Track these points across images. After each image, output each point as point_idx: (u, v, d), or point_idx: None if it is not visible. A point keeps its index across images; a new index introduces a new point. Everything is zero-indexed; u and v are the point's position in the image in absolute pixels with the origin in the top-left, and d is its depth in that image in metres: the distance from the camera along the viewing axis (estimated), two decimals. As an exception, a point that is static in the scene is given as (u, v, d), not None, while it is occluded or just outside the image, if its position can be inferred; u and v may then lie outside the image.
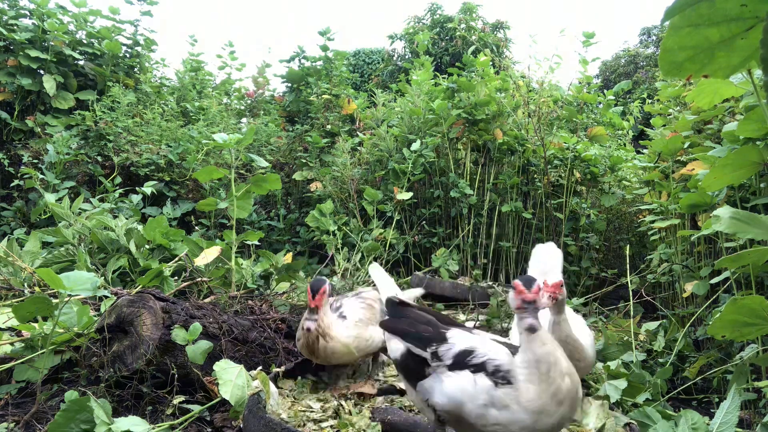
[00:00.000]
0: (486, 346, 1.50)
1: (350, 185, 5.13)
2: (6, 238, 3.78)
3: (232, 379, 1.90)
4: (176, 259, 3.42)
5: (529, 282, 1.43)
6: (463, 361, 1.47)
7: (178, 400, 2.11)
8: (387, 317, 1.72)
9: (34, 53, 5.29)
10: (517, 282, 1.44)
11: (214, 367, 1.94)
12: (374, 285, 2.35)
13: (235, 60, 7.68)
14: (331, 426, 1.80)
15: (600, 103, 5.80)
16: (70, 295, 2.08)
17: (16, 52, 5.32)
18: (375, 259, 4.54)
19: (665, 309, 3.50)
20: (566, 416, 1.39)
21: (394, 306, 1.72)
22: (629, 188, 5.09)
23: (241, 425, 1.87)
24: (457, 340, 1.53)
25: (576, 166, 5.08)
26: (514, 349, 1.49)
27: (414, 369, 1.57)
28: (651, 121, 4.28)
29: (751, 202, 2.70)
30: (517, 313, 1.45)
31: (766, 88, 0.93)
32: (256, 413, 1.68)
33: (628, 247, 3.82)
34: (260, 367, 2.04)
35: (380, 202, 4.90)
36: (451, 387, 1.46)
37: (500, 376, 1.40)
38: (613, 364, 2.54)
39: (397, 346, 1.65)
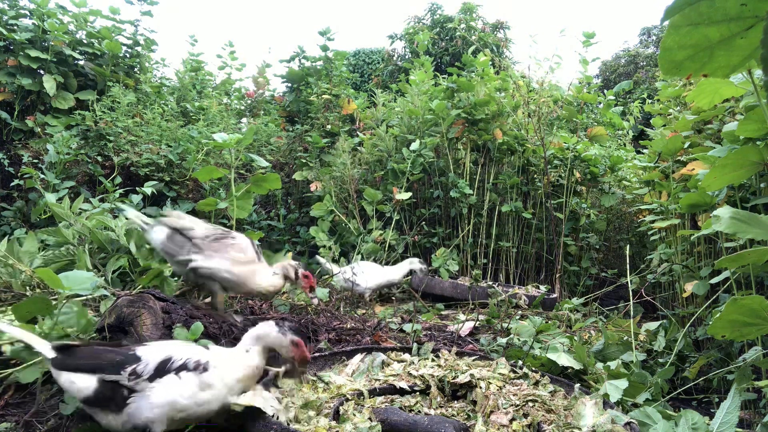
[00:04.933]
0: (181, 350, 1.74)
1: (350, 185, 5.13)
2: (6, 239, 3.77)
3: None
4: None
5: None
6: (164, 369, 1.67)
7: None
8: (59, 359, 1.70)
9: (34, 53, 5.29)
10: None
11: None
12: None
13: (235, 60, 7.68)
14: (331, 426, 1.80)
15: (600, 103, 5.80)
16: (70, 296, 2.08)
17: (16, 52, 5.32)
18: (375, 260, 4.54)
19: (665, 309, 3.50)
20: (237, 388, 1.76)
21: (64, 349, 1.72)
22: (629, 188, 5.09)
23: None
24: (150, 354, 1.70)
25: (576, 166, 5.08)
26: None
27: (112, 398, 1.65)
28: (651, 121, 4.28)
29: (751, 202, 2.70)
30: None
31: (766, 88, 0.93)
32: (255, 415, 1.68)
33: (628, 247, 3.82)
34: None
35: (380, 202, 4.90)
36: (160, 397, 1.65)
37: (201, 368, 1.70)
38: (613, 364, 2.54)
39: (85, 384, 1.66)
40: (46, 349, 1.73)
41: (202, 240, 2.51)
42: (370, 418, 1.87)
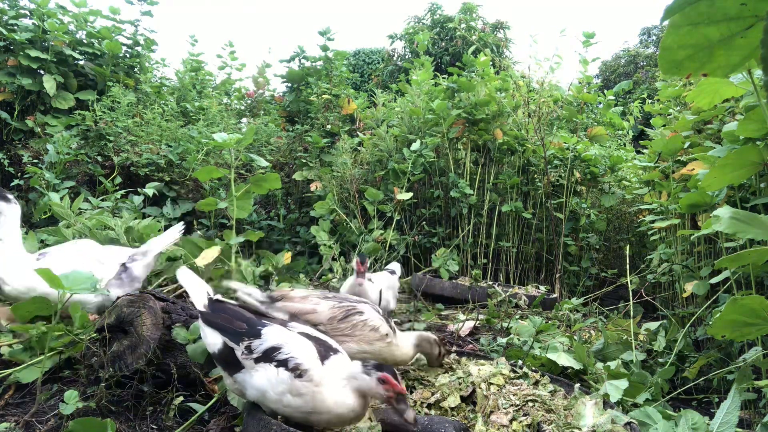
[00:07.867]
0: (293, 344, 1.67)
1: (351, 185, 5.13)
2: (6, 238, 3.77)
3: None
4: (179, 261, 3.42)
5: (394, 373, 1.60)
6: (269, 356, 1.65)
7: (178, 400, 2.11)
8: (207, 311, 1.81)
9: (34, 53, 5.29)
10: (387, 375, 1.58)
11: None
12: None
13: (235, 60, 7.67)
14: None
15: (600, 103, 5.80)
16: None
17: (16, 52, 5.32)
18: (375, 261, 4.54)
19: (665, 309, 3.50)
20: (333, 421, 1.63)
21: (213, 303, 1.83)
22: (629, 188, 5.09)
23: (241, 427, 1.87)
24: (270, 335, 1.69)
25: (576, 166, 5.08)
26: (323, 347, 1.70)
27: (231, 361, 1.72)
28: (651, 121, 4.28)
29: (751, 202, 2.70)
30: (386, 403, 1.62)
31: (766, 88, 0.92)
32: (255, 415, 1.68)
33: (628, 247, 3.82)
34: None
35: (380, 202, 4.90)
36: (258, 380, 1.64)
37: (298, 373, 1.61)
38: (613, 364, 2.54)
39: (215, 340, 1.76)
40: (200, 302, 1.83)
41: (327, 325, 2.18)
42: (370, 418, 1.86)
